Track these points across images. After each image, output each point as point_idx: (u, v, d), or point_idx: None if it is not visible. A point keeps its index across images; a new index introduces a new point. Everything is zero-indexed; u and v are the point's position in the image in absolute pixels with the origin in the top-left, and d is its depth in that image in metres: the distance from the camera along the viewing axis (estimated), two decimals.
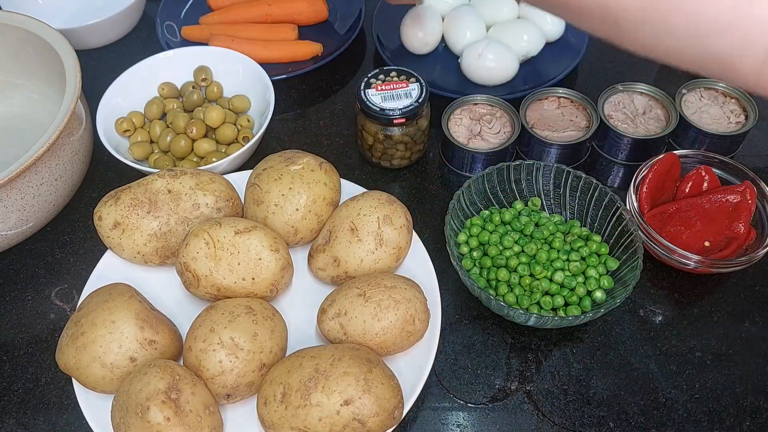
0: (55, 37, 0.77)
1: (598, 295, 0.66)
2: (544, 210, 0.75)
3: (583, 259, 0.68)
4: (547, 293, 0.67)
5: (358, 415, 0.53)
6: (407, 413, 0.59)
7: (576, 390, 0.64)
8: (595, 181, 0.70)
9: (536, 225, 0.71)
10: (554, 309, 0.66)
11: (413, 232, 0.69)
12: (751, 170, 0.72)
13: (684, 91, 0.82)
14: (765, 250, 0.66)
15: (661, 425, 0.61)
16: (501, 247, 0.69)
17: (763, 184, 0.71)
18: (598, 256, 0.68)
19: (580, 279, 0.67)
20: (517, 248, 0.69)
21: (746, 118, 0.80)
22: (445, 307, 0.68)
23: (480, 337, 0.68)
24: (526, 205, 0.74)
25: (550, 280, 0.67)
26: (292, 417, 0.54)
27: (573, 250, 0.69)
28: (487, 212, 0.72)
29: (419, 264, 0.68)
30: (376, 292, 0.60)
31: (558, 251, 0.68)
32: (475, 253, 0.70)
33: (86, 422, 0.59)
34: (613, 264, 0.68)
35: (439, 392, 0.64)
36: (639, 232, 0.66)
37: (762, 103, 0.85)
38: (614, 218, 0.69)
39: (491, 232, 0.70)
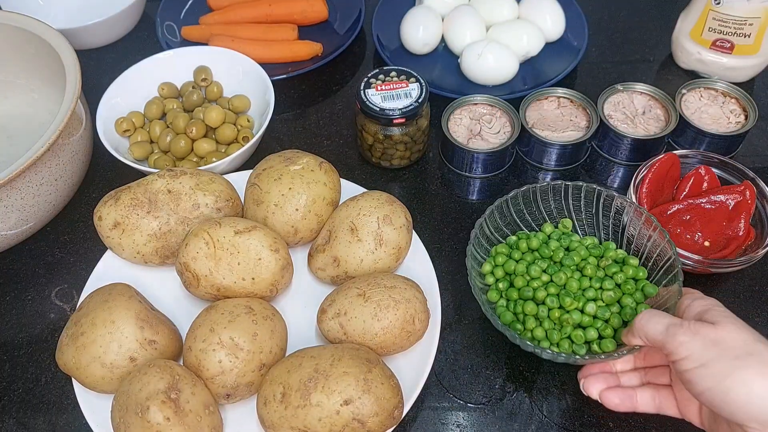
0: (55, 37, 0.77)
1: None
2: (576, 232, 0.70)
3: (618, 286, 0.63)
4: (579, 326, 0.61)
5: (358, 415, 0.53)
6: (407, 413, 0.59)
7: (576, 390, 0.64)
8: (628, 200, 0.65)
9: (567, 249, 0.66)
10: (587, 342, 0.61)
11: (413, 232, 0.69)
12: (751, 170, 0.72)
13: (684, 91, 0.82)
14: (765, 250, 0.66)
15: (661, 425, 0.61)
16: (528, 278, 0.64)
17: (762, 184, 0.71)
18: (635, 281, 0.63)
19: (615, 309, 0.62)
20: (545, 277, 0.63)
21: (746, 118, 0.80)
22: (445, 307, 0.68)
23: (480, 337, 0.68)
24: (557, 227, 0.69)
25: (582, 311, 0.61)
26: (292, 417, 0.54)
27: (607, 277, 0.63)
28: (514, 238, 0.67)
29: (419, 264, 0.68)
30: (376, 292, 0.60)
31: (590, 279, 0.63)
32: (501, 285, 0.65)
33: (86, 422, 0.59)
34: (652, 290, 0.62)
35: (439, 392, 0.64)
36: (677, 255, 0.61)
37: (762, 103, 0.86)
38: (652, 239, 0.64)
39: (517, 261, 0.65)
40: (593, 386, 0.57)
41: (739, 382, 0.46)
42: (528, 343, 0.58)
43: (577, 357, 0.57)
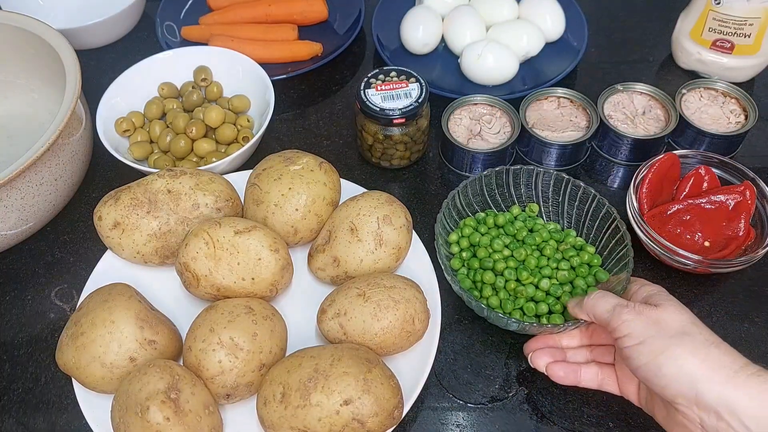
0: (55, 37, 0.77)
1: None
2: (542, 217, 0.73)
3: (573, 268, 0.67)
4: (532, 300, 0.65)
5: (358, 415, 0.53)
6: (407, 413, 0.59)
7: (575, 390, 0.64)
8: (593, 191, 0.69)
9: (530, 231, 0.70)
10: (537, 316, 0.65)
11: (413, 232, 0.69)
12: (751, 170, 0.72)
13: (684, 91, 0.82)
14: (764, 250, 0.66)
15: (660, 426, 0.61)
16: (490, 250, 0.68)
17: (762, 184, 0.71)
18: (589, 267, 0.67)
19: (567, 288, 0.66)
20: (507, 252, 0.68)
21: (746, 118, 0.80)
22: (445, 307, 0.68)
23: (479, 337, 0.68)
24: (524, 210, 0.73)
25: (536, 287, 0.66)
26: (292, 417, 0.54)
27: (564, 259, 0.68)
28: (482, 214, 0.72)
29: (419, 264, 0.68)
30: (376, 292, 0.60)
31: (548, 259, 0.67)
32: (464, 254, 0.69)
33: (86, 422, 0.59)
34: (604, 276, 0.66)
35: (438, 392, 0.64)
36: (630, 246, 0.64)
37: (762, 103, 0.86)
38: (610, 230, 0.68)
39: (483, 234, 0.69)
40: (540, 359, 0.61)
41: (671, 358, 0.49)
42: (482, 306, 0.61)
43: (526, 324, 0.60)
